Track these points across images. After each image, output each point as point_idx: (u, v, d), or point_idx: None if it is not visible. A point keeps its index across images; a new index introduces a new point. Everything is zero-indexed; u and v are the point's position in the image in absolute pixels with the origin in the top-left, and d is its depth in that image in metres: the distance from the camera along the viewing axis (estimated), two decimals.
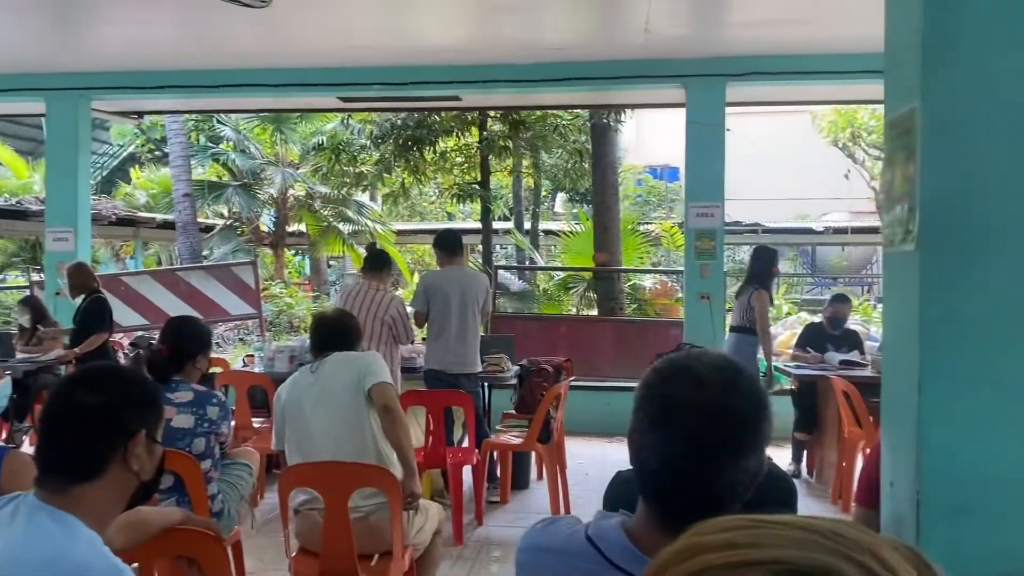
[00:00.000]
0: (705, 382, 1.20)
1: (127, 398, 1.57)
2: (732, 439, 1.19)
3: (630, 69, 7.18)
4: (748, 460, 1.19)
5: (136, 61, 7.58)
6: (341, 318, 3.44)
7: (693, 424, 1.19)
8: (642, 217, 16.86)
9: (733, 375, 1.22)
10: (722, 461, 1.19)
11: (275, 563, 4.27)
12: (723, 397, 1.19)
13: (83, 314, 6.66)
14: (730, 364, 1.25)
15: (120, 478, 1.52)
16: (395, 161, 12.02)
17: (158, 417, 1.61)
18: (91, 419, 1.52)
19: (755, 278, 6.42)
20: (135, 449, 1.53)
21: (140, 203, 20.31)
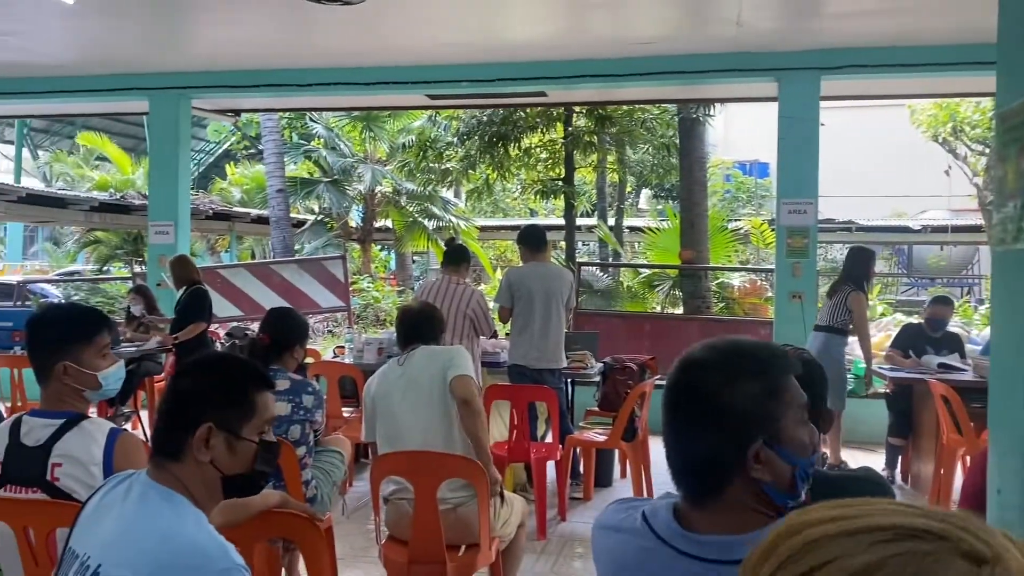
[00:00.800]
0: (688, 361, 1.30)
1: (205, 390, 1.61)
2: (686, 414, 1.28)
3: (721, 63, 7.06)
4: (726, 426, 1.23)
5: (234, 61, 7.86)
6: (425, 310, 3.45)
7: (672, 404, 1.30)
8: (730, 214, 16.56)
9: (723, 352, 1.29)
10: (684, 436, 1.28)
11: (364, 550, 4.37)
12: (684, 375, 1.29)
13: (184, 305, 6.93)
14: (730, 344, 1.30)
15: (197, 464, 1.56)
16: (480, 157, 12.11)
17: (243, 414, 1.61)
18: (172, 404, 1.61)
19: (851, 279, 6.23)
20: (203, 439, 1.56)
21: (235, 198, 21.05)
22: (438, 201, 17.64)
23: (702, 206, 10.59)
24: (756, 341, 1.35)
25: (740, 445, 1.23)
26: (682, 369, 1.31)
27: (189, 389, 1.61)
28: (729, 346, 1.30)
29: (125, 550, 1.40)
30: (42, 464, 2.13)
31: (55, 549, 2.14)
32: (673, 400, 1.30)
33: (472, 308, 5.39)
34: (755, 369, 1.26)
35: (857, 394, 7.42)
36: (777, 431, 1.24)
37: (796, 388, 1.29)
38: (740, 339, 1.33)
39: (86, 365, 2.26)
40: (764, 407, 1.24)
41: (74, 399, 2.26)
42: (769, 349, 1.32)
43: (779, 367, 1.28)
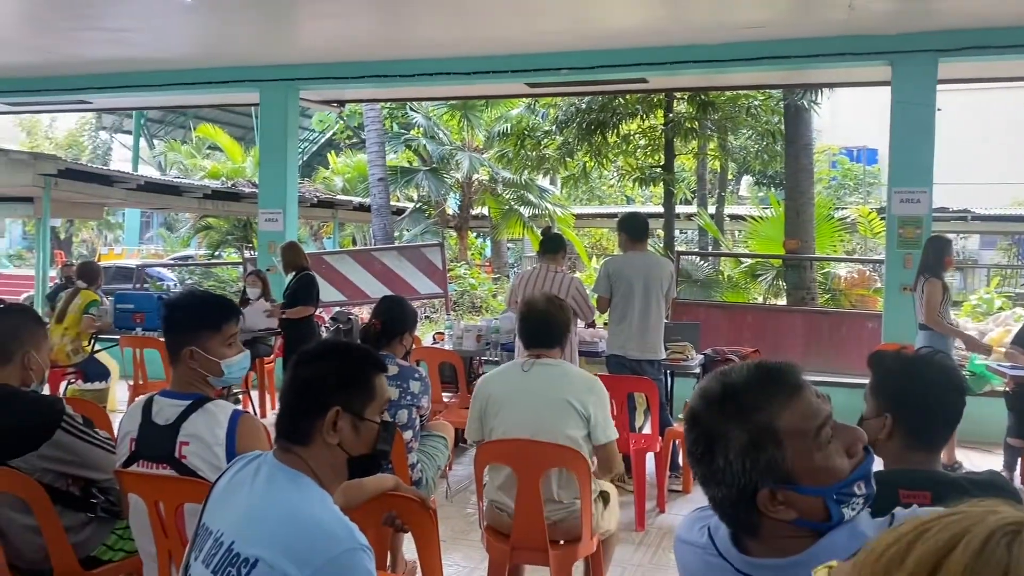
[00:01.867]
0: (691, 411, 1.28)
1: (329, 376, 1.68)
2: (696, 469, 1.27)
3: (831, 46, 6.83)
4: (725, 482, 1.21)
5: (339, 53, 8.07)
6: (550, 311, 3.17)
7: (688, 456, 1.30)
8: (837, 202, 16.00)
9: (714, 401, 1.24)
10: (704, 485, 1.27)
11: (464, 533, 4.46)
12: (688, 429, 1.27)
13: (293, 289, 7.20)
14: (718, 390, 1.25)
15: (326, 447, 1.63)
16: (578, 145, 12.07)
17: (366, 396, 1.68)
18: (299, 391, 1.67)
19: (927, 268, 5.96)
20: (332, 423, 1.63)
21: (337, 187, 21.64)
22: (534, 189, 17.70)
23: (808, 194, 10.29)
24: (749, 373, 1.25)
25: (749, 496, 1.19)
26: (686, 421, 1.29)
27: (314, 376, 1.67)
28: (719, 391, 1.23)
29: (255, 529, 1.48)
30: (171, 442, 2.26)
31: (183, 522, 2.27)
32: (688, 450, 1.29)
33: (572, 295, 5.40)
34: (741, 418, 1.20)
35: (973, 391, 7.07)
36: (785, 473, 1.18)
37: (800, 414, 1.20)
38: (731, 376, 1.25)
39: (212, 352, 2.38)
40: (757, 458, 1.18)
41: (200, 382, 2.39)
42: (762, 380, 1.23)
43: (771, 402, 1.20)
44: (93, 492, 2.63)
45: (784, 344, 8.39)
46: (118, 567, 2.69)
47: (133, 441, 2.33)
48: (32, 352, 2.56)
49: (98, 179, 12.40)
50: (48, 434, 2.44)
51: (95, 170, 13.33)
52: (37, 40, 7.78)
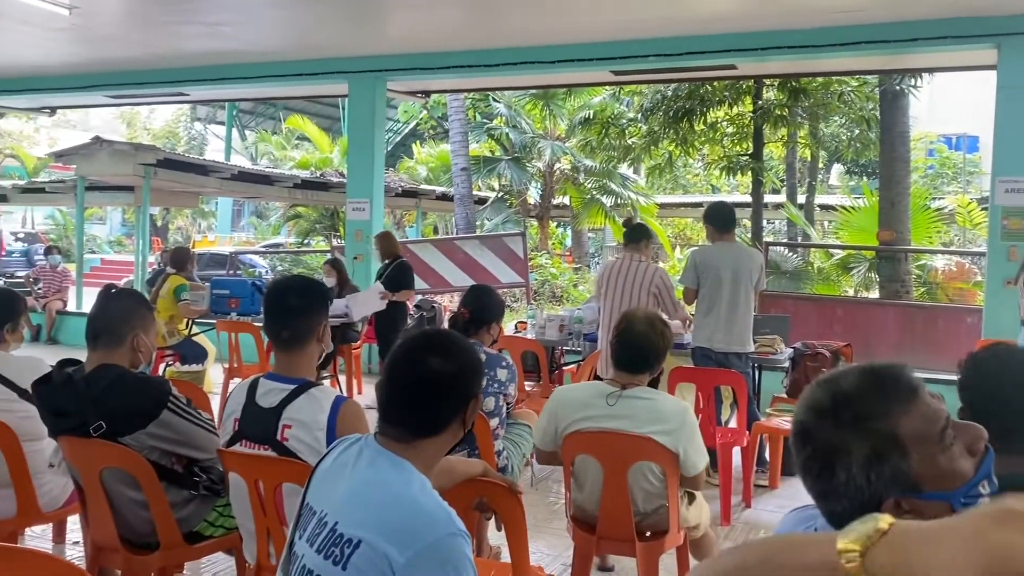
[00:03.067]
0: (798, 423, 1.20)
1: (470, 367, 1.73)
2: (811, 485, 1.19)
3: (933, 29, 6.56)
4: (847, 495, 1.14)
5: (426, 43, 8.15)
6: (650, 337, 2.95)
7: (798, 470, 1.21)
8: (934, 191, 15.37)
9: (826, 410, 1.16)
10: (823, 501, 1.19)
11: (546, 521, 4.48)
12: (799, 442, 1.19)
13: (389, 276, 7.45)
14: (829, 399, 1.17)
15: (454, 435, 1.70)
16: (663, 133, 11.90)
17: (484, 379, 1.77)
18: (444, 385, 1.67)
19: None
20: (471, 410, 1.71)
21: (420, 176, 21.92)
22: (616, 177, 17.55)
23: (904, 184, 9.91)
24: (860, 379, 1.17)
25: (873, 508, 1.10)
26: (794, 435, 1.21)
27: (456, 371, 1.68)
28: (830, 401, 1.16)
29: (358, 511, 1.51)
30: (274, 424, 2.33)
31: (281, 501, 2.34)
32: (797, 465, 1.21)
33: (656, 285, 5.34)
34: (859, 428, 1.13)
35: None
36: (911, 481, 1.12)
37: (921, 418, 1.13)
38: (840, 384, 1.17)
39: (326, 332, 2.51)
40: (881, 469, 1.12)
41: (312, 364, 2.47)
42: (876, 386, 1.16)
43: (889, 409, 1.14)
44: (196, 470, 2.75)
45: (876, 339, 8.12)
46: (218, 542, 2.80)
47: (237, 421, 2.42)
48: (141, 335, 2.68)
49: (194, 169, 12.87)
50: (156, 414, 2.56)
51: (192, 160, 13.85)
52: (139, 35, 8.11)
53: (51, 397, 2.60)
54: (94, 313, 2.70)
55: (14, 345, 3.27)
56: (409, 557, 1.41)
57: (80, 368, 2.64)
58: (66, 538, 3.86)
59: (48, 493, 3.13)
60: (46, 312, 11.07)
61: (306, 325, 2.43)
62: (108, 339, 2.65)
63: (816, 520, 1.29)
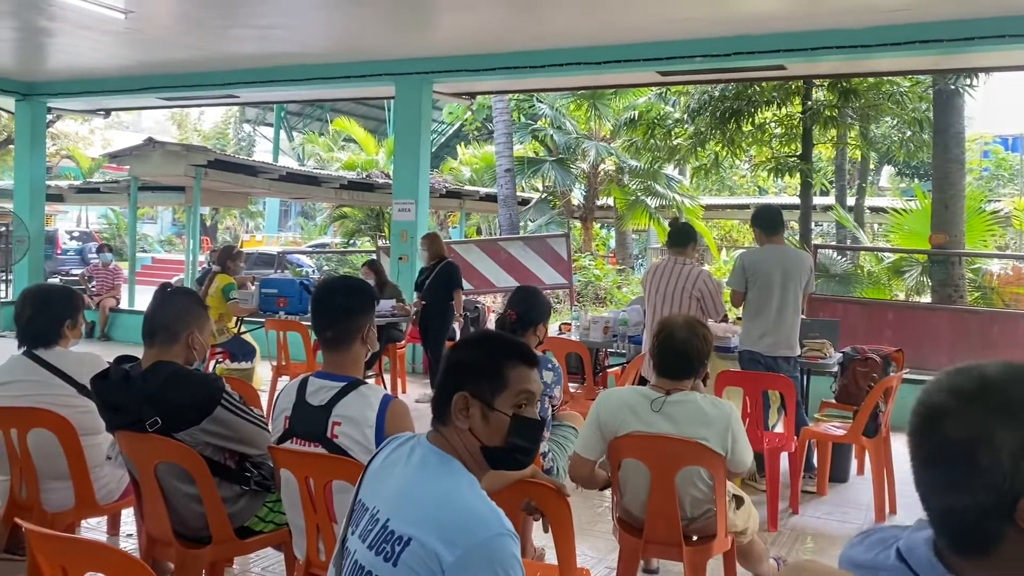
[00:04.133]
0: (927, 407, 1.13)
1: (462, 362, 1.72)
2: (938, 472, 1.12)
3: (987, 28, 6.40)
4: (985, 485, 1.07)
5: (471, 45, 8.19)
6: (691, 341, 2.96)
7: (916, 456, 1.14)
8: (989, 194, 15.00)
9: (970, 394, 1.10)
10: (938, 493, 1.12)
11: (590, 523, 4.47)
12: (928, 426, 1.12)
13: (437, 276, 7.59)
14: (974, 382, 1.10)
15: (459, 431, 1.67)
16: (710, 134, 11.79)
17: (496, 386, 1.68)
18: (444, 373, 1.72)
19: None
20: (460, 407, 1.66)
21: (464, 177, 22.02)
22: (661, 179, 17.44)
23: (958, 186, 9.69)
24: (1005, 370, 1.13)
25: (1009, 503, 1.07)
26: (925, 420, 1.14)
27: (454, 360, 1.74)
28: (975, 386, 1.11)
29: (409, 509, 1.53)
30: (324, 422, 2.37)
31: (331, 498, 2.37)
32: (920, 454, 1.15)
33: (699, 288, 5.28)
34: (1011, 415, 1.08)
35: None
36: None
37: None
38: (985, 371, 1.12)
39: (372, 331, 2.54)
40: None
41: (359, 363, 2.51)
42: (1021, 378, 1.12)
43: None
44: (247, 466, 2.79)
45: (928, 344, 7.95)
46: (269, 537, 2.85)
47: (287, 419, 2.45)
48: (196, 333, 2.74)
49: (244, 170, 13.10)
50: (210, 410, 2.61)
51: (241, 161, 14.10)
52: (190, 38, 8.28)
53: (108, 393, 2.67)
54: (150, 311, 2.76)
55: (73, 341, 3.36)
56: (458, 556, 1.42)
57: (137, 365, 2.70)
58: (120, 530, 3.95)
59: (105, 486, 3.21)
60: (100, 309, 11.35)
61: (351, 325, 2.47)
62: (164, 337, 2.71)
63: (894, 542, 1.22)
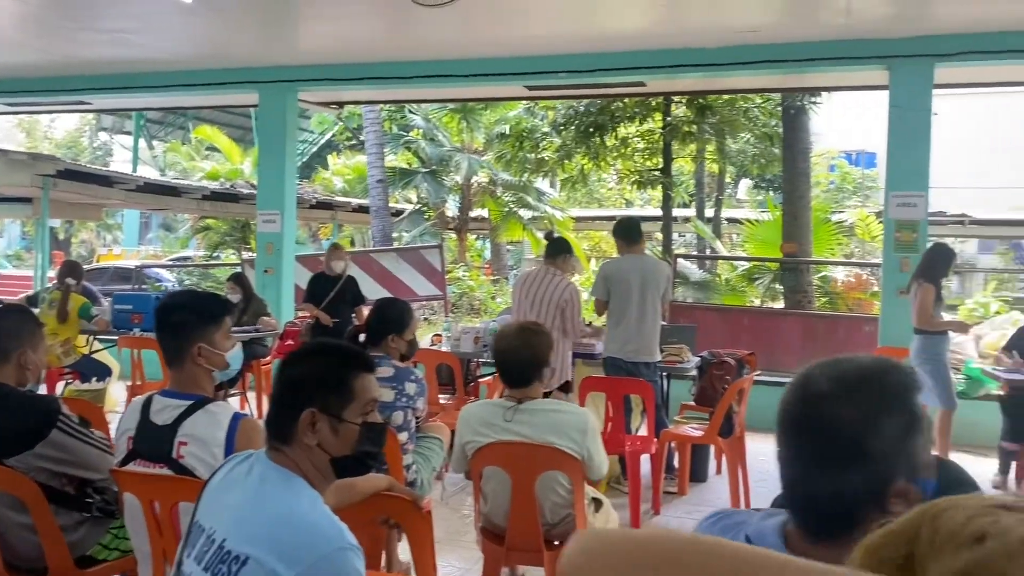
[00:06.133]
0: (815, 395, 1.18)
1: (307, 377, 1.69)
2: (817, 455, 1.18)
3: (829, 50, 6.86)
4: (870, 468, 1.14)
5: (338, 54, 8.08)
6: (522, 346, 2.98)
7: (802, 440, 1.20)
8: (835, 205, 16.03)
9: (853, 383, 1.17)
10: (813, 476, 1.18)
11: (459, 534, 4.47)
12: (828, 409, 1.17)
13: (343, 290, 7.45)
14: (854, 372, 1.18)
15: (306, 448, 1.64)
16: (576, 147, 12.09)
17: (344, 398, 1.67)
18: (280, 391, 1.70)
19: (923, 273, 6.00)
20: (308, 423, 1.63)
21: (337, 188, 21.65)
22: (532, 191, 17.73)
23: (805, 198, 10.33)
24: (880, 363, 1.22)
25: (882, 487, 1.14)
26: (807, 403, 1.19)
27: (295, 377, 1.70)
28: (856, 374, 1.18)
29: (247, 527, 1.49)
30: (169, 442, 2.27)
31: (178, 521, 2.28)
32: (798, 437, 1.20)
33: (564, 299, 5.38)
34: (892, 402, 1.16)
35: (968, 395, 7.11)
36: (917, 463, 1.16)
37: (921, 408, 1.19)
38: (862, 362, 1.21)
39: (217, 346, 2.42)
40: (907, 445, 1.15)
41: (204, 381, 2.41)
42: (898, 372, 1.20)
43: (912, 392, 1.18)
44: (88, 492, 2.65)
45: (780, 346, 8.40)
46: (113, 566, 2.70)
47: (131, 440, 2.34)
48: (28, 352, 2.58)
49: (97, 180, 12.39)
50: (44, 433, 2.46)
51: (94, 171, 13.33)
52: (36, 40, 7.80)
53: None
54: None
55: None
56: (298, 572, 1.40)
57: None
58: None
59: None
60: None
61: (181, 343, 2.37)
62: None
63: (745, 528, 1.28)
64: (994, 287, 15.35)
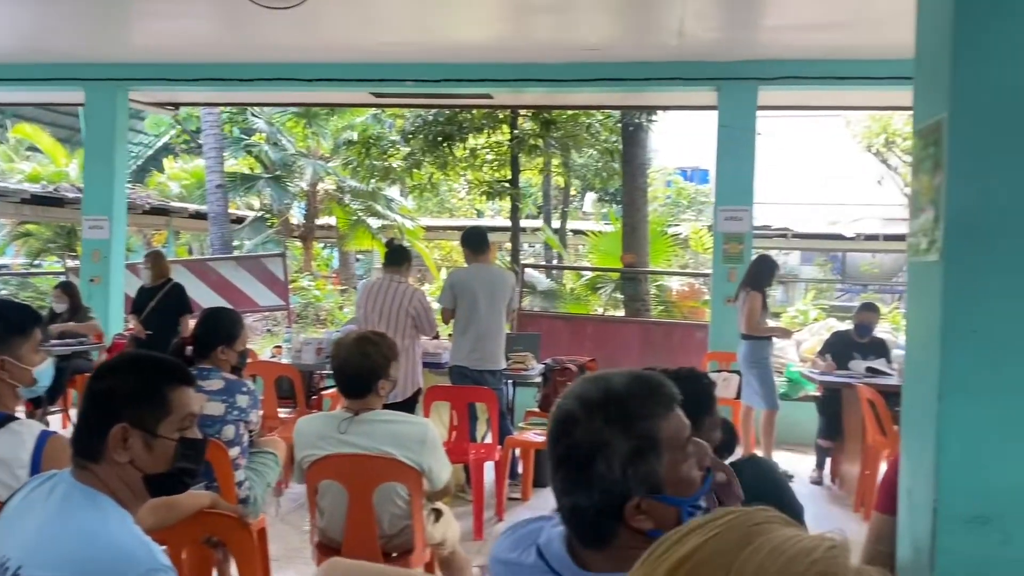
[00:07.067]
0: (564, 413, 1.24)
1: (117, 390, 1.58)
2: (565, 473, 1.23)
3: (663, 71, 7.18)
4: (601, 488, 1.19)
5: (174, 53, 7.71)
6: (359, 360, 2.92)
7: (553, 455, 1.26)
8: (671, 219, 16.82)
9: (595, 406, 1.22)
10: (566, 493, 1.23)
11: (298, 550, 4.35)
12: (569, 429, 1.23)
13: (166, 299, 7.03)
14: (600, 394, 1.23)
15: (117, 465, 1.54)
16: (424, 156, 12.08)
17: (159, 412, 1.58)
18: (88, 406, 1.59)
19: (750, 282, 6.45)
20: (119, 439, 1.54)
21: (173, 193, 20.60)
22: (381, 199, 17.53)
23: (643, 211, 10.77)
24: (630, 381, 1.25)
25: (619, 505, 1.19)
26: (556, 420, 1.25)
27: (103, 390, 1.59)
28: (600, 396, 1.23)
29: (47, 551, 1.39)
30: None
31: None
32: (552, 456, 1.25)
33: (414, 306, 5.37)
34: (627, 425, 1.20)
35: (790, 397, 7.63)
36: (656, 482, 1.21)
37: (676, 425, 1.24)
38: (612, 383, 1.25)
39: (23, 360, 2.23)
40: (637, 467, 1.20)
41: (7, 397, 2.21)
42: (644, 390, 1.24)
43: (654, 412, 1.22)
44: None
45: (621, 353, 8.70)
46: None
47: None
48: None
49: None
50: None
51: None
52: None
53: None
54: None
55: None
56: None
57: None
58: None
59: None
60: None
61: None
62: None
63: (538, 536, 1.31)
64: (813, 296, 16.56)
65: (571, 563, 1.24)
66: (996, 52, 2.08)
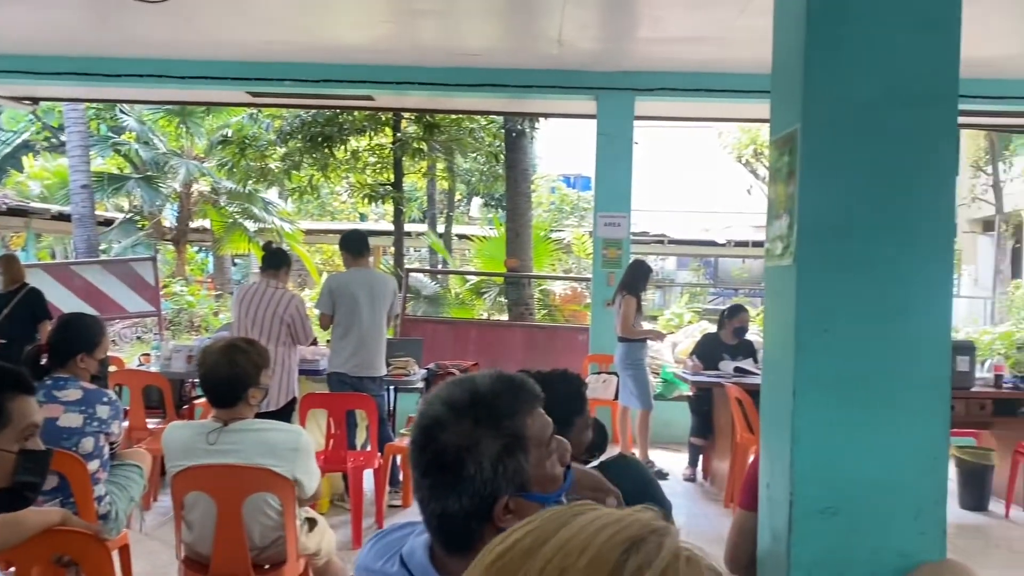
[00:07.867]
0: (430, 418, 1.25)
1: None
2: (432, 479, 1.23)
3: (543, 79, 7.30)
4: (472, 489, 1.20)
5: (32, 44, 7.26)
6: (228, 368, 2.82)
7: (419, 462, 1.25)
8: (554, 224, 17.10)
9: (462, 408, 1.23)
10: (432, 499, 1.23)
11: (166, 566, 4.16)
12: (436, 434, 1.23)
13: (21, 305, 6.65)
14: (466, 396, 1.24)
15: None
16: (303, 158, 11.82)
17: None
18: None
19: (626, 286, 6.68)
20: None
21: (34, 193, 19.38)
22: (258, 201, 17.03)
23: (526, 216, 10.90)
24: (494, 381, 1.27)
25: (489, 505, 1.21)
26: (423, 430, 1.25)
27: None
28: (467, 397, 1.24)
29: None
30: None
31: None
32: (418, 462, 1.25)
33: (289, 314, 5.23)
34: (495, 424, 1.22)
35: (665, 397, 7.89)
36: (523, 480, 1.23)
37: (540, 424, 1.26)
38: (477, 384, 1.26)
39: None
40: (507, 465, 1.21)
41: None
42: (509, 389, 1.26)
43: (519, 411, 1.24)
44: None
45: (505, 356, 8.76)
46: None
47: None
48: None
49: None
50: None
51: None
52: None
53: None
54: None
55: None
56: None
57: None
58: None
59: None
60: None
61: None
62: None
63: (398, 546, 1.30)
64: (687, 299, 17.16)
65: (433, 572, 1.23)
66: (844, 68, 2.22)
